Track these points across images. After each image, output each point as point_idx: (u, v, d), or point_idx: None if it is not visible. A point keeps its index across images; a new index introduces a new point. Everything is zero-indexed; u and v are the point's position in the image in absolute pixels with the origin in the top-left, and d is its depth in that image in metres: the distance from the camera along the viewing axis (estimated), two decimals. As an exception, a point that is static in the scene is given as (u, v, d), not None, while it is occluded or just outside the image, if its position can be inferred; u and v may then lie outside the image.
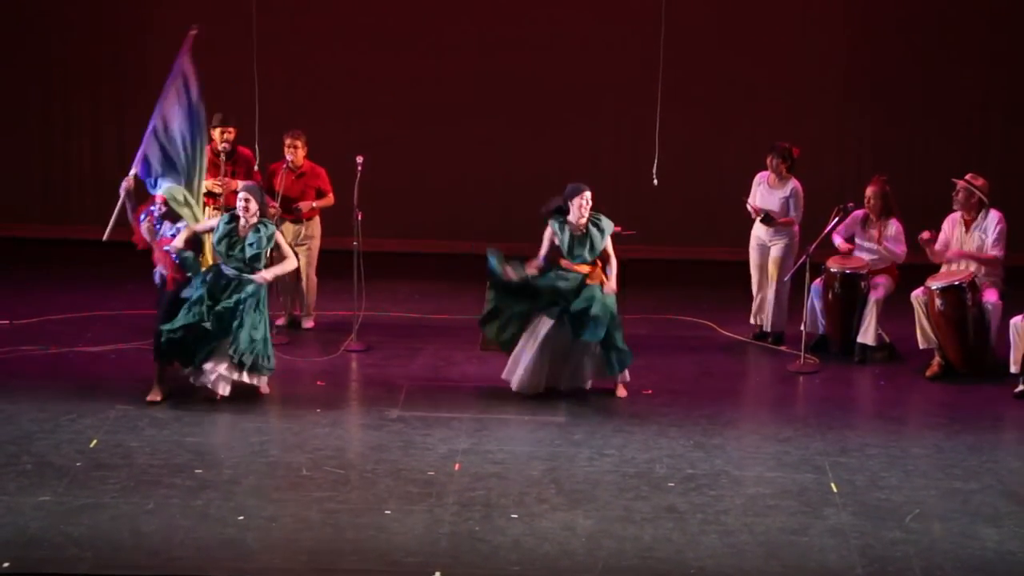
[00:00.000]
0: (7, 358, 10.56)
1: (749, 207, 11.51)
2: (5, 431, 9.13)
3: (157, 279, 9.94)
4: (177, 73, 10.18)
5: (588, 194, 9.97)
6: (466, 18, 14.15)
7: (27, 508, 7.99)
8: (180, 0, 14.22)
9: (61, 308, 11.81)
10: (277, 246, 9.85)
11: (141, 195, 10.10)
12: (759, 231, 11.57)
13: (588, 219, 10.00)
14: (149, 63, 14.14)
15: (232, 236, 9.73)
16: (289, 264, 10.00)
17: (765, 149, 11.53)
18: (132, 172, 10.03)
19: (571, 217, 9.98)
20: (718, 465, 8.90)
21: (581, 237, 9.99)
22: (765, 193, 11.49)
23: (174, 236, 9.75)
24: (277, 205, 11.05)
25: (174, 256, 9.68)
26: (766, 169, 11.50)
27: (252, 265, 9.72)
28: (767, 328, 11.61)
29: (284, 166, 11.34)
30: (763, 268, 11.58)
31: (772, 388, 10.79)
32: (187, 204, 9.87)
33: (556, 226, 10.01)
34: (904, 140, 14.11)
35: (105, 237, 9.94)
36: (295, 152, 11.32)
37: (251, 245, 9.70)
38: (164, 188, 9.89)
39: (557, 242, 10.02)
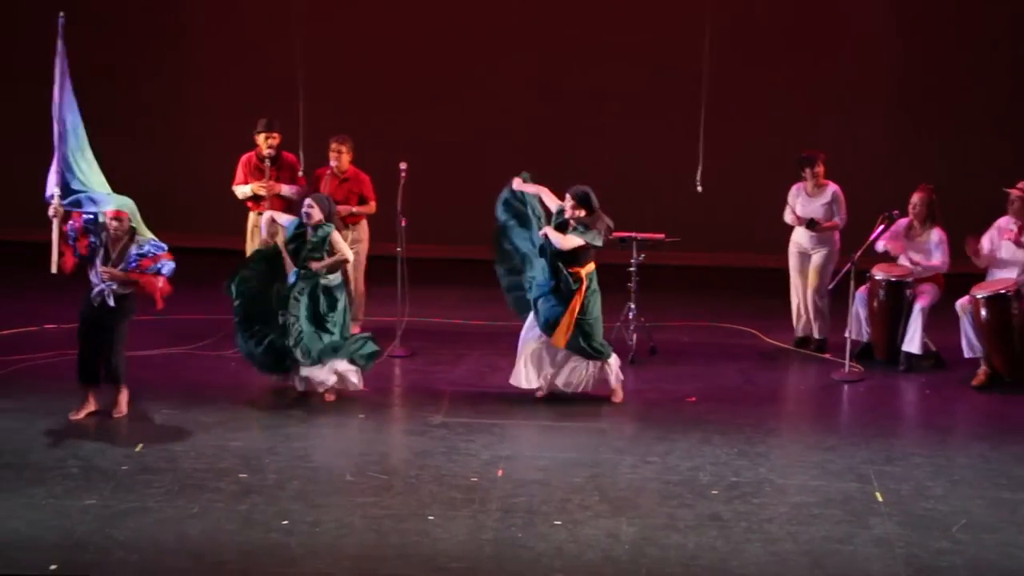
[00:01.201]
0: (55, 362, 10.64)
1: (789, 220, 11.49)
2: (53, 435, 9.21)
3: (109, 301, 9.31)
4: (58, 72, 9.41)
5: (567, 195, 9.83)
6: (513, 26, 14.19)
7: (74, 511, 8.04)
8: (231, 7, 14.37)
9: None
10: (332, 244, 9.91)
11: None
12: (800, 238, 11.54)
13: (573, 218, 9.81)
14: (188, 61, 14.29)
15: (298, 241, 9.91)
16: (339, 257, 9.96)
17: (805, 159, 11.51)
18: (56, 195, 9.32)
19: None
20: (762, 473, 8.86)
21: (563, 228, 9.87)
22: (805, 203, 11.46)
23: (153, 256, 9.32)
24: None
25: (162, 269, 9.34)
26: (800, 181, 11.47)
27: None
28: (809, 335, 11.57)
29: (328, 171, 11.39)
30: (803, 275, 11.56)
31: (816, 396, 10.74)
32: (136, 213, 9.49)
33: (556, 210, 9.95)
34: (952, 149, 14.04)
35: (54, 269, 9.35)
36: (339, 157, 11.37)
37: (311, 249, 9.82)
38: (117, 204, 9.35)
39: (553, 208, 9.97)
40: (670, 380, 10.74)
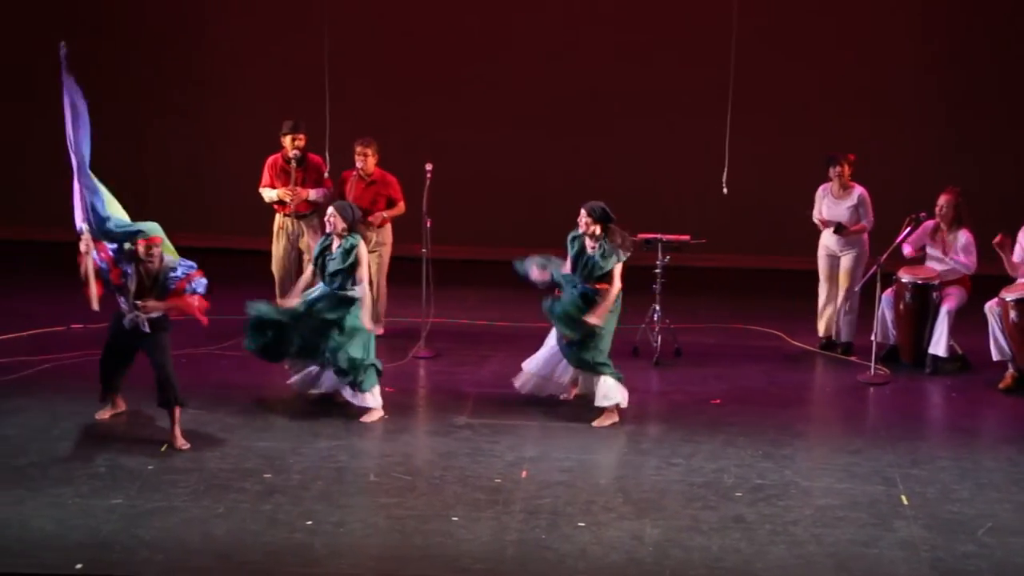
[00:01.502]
0: (81, 361, 10.69)
1: (817, 221, 11.47)
2: (80, 434, 9.25)
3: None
4: (67, 104, 8.88)
5: (583, 211, 9.70)
6: (537, 27, 14.18)
7: (100, 511, 8.08)
8: (255, 7, 14.41)
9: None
10: (356, 262, 9.68)
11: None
12: (828, 241, 11.51)
13: (593, 238, 9.68)
14: (212, 62, 14.33)
15: (326, 253, 9.82)
16: (362, 295, 9.70)
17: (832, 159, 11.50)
18: (85, 229, 8.90)
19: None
20: (787, 476, 8.84)
21: (586, 259, 9.70)
22: (831, 205, 11.43)
23: (187, 276, 9.03)
24: None
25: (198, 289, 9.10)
26: (827, 182, 11.44)
27: (335, 280, 9.73)
28: (836, 338, 11.54)
29: (354, 174, 11.41)
30: (832, 278, 11.53)
31: (842, 399, 10.70)
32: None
33: (569, 239, 9.84)
34: (982, 151, 13.98)
35: (95, 307, 9.00)
36: (365, 160, 11.37)
37: (332, 260, 9.75)
38: (150, 229, 9.00)
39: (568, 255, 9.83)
40: (695, 382, 10.73)
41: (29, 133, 14.56)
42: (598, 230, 9.69)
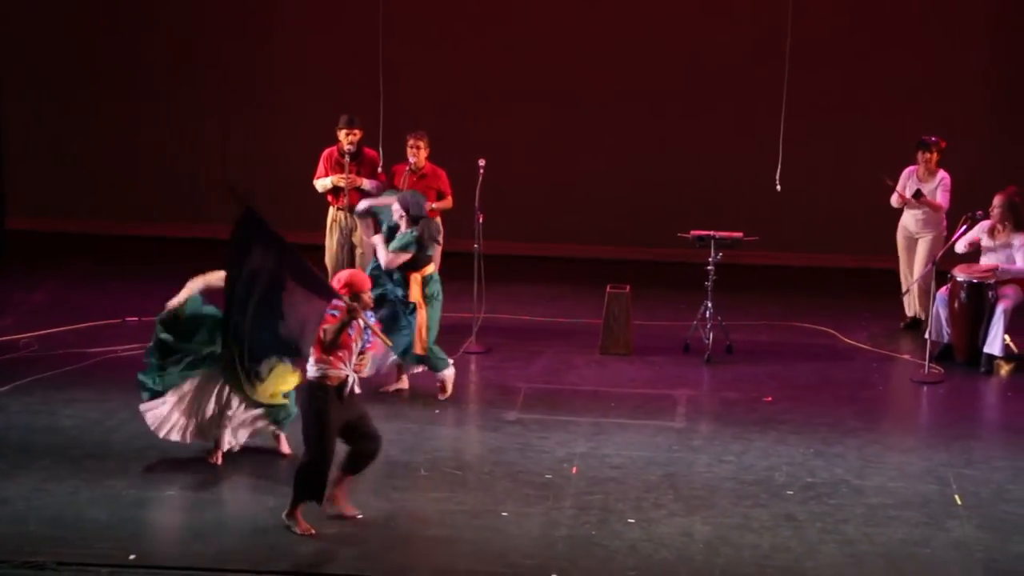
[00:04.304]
0: (136, 354, 10.77)
1: (896, 199, 11.49)
2: (133, 426, 9.31)
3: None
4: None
5: (396, 206, 9.95)
6: (591, 26, 14.15)
7: (153, 502, 8.16)
8: (308, 5, 14.48)
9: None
10: None
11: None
12: (907, 223, 11.60)
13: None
14: (273, 60, 14.41)
15: None
16: None
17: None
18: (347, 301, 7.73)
19: None
20: (838, 474, 8.80)
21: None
22: (915, 186, 11.53)
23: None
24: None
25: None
26: (913, 165, 11.50)
27: None
28: (918, 316, 11.57)
29: (406, 167, 11.45)
30: (909, 260, 11.59)
31: (895, 397, 10.64)
32: None
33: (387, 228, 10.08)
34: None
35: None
36: (417, 153, 11.41)
37: None
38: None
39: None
40: (746, 379, 10.69)
41: (87, 129, 14.69)
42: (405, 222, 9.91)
